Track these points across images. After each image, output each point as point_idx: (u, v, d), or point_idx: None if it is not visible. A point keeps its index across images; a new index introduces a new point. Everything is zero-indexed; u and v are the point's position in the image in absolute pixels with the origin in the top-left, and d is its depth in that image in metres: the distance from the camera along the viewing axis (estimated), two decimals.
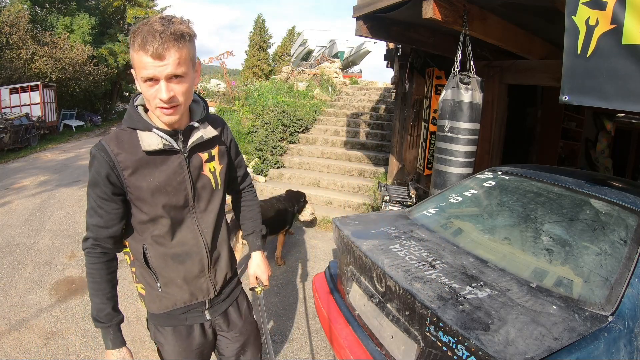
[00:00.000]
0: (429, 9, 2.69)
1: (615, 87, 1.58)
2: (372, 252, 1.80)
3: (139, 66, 0.99)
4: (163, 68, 0.98)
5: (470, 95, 2.90)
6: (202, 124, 1.19)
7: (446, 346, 1.29)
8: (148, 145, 1.08)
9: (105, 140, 1.10)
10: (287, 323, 2.82)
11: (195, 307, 1.28)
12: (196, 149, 1.17)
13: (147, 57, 0.97)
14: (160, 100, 1.02)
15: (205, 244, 1.23)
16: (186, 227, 1.19)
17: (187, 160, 1.15)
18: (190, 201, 1.18)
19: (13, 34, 13.64)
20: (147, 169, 1.10)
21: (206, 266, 1.24)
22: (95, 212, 1.12)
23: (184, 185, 1.15)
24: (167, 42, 0.96)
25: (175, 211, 1.16)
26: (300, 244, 4.33)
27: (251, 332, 1.45)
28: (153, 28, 0.96)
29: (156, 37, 0.95)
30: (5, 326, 2.60)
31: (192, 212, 1.20)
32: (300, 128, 7.55)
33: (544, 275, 1.57)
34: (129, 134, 1.10)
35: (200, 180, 1.19)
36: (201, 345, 1.31)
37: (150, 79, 1.00)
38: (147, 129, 1.10)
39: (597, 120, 6.12)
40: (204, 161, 1.20)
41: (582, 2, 1.65)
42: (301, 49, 22.42)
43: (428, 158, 4.65)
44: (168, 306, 1.24)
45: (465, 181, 2.47)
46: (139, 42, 0.96)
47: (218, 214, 1.27)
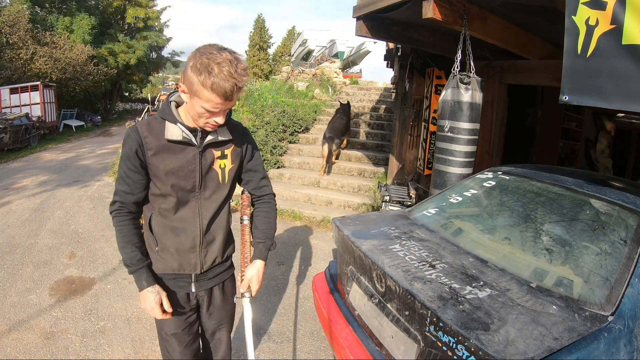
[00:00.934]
0: (429, 9, 2.69)
1: (615, 87, 1.58)
2: (372, 252, 1.80)
3: (205, 100, 1.17)
4: (226, 106, 1.23)
5: (470, 95, 2.91)
6: (221, 127, 1.36)
7: (446, 346, 1.29)
8: (171, 135, 1.30)
9: (140, 124, 1.32)
10: (287, 323, 2.82)
11: (182, 278, 1.47)
12: (210, 146, 1.37)
13: (218, 98, 1.17)
14: (214, 123, 1.27)
15: (201, 226, 1.41)
16: (189, 208, 1.39)
17: (200, 154, 1.35)
18: (197, 187, 1.38)
19: (13, 34, 13.64)
20: (167, 153, 1.31)
21: (197, 244, 1.42)
22: (124, 180, 1.34)
23: (194, 173, 1.35)
24: (237, 90, 1.18)
25: (182, 192, 1.36)
26: (301, 244, 4.33)
27: (228, 312, 1.65)
28: (227, 74, 1.13)
29: (229, 84, 1.14)
30: (5, 326, 2.60)
31: (197, 197, 1.39)
32: (300, 128, 7.55)
33: (544, 275, 1.57)
34: (159, 123, 1.32)
35: (209, 172, 1.39)
36: (186, 312, 1.51)
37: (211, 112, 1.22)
38: (173, 122, 1.31)
39: (597, 120, 6.12)
40: (216, 157, 1.39)
41: (582, 2, 1.65)
42: (301, 49, 22.41)
43: (428, 158, 4.65)
44: (160, 269, 1.44)
45: (465, 181, 2.47)
46: (212, 85, 1.13)
47: (220, 205, 1.44)
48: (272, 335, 2.66)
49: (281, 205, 5.37)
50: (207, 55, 1.13)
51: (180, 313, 1.49)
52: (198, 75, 1.13)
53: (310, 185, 6.02)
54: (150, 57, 22.28)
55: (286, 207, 5.31)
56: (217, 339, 1.65)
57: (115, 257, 3.71)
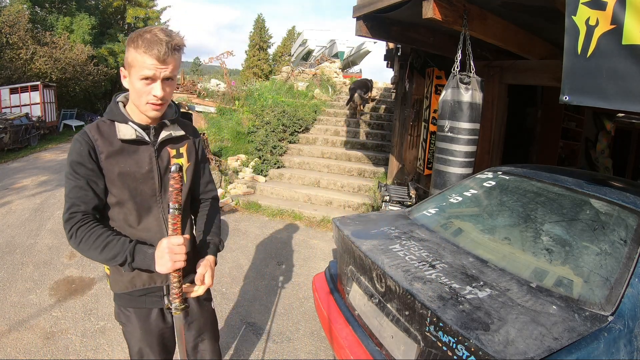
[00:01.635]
0: (429, 9, 2.69)
1: (615, 87, 1.58)
2: (372, 252, 1.80)
3: (139, 65, 1.14)
4: (162, 71, 1.16)
5: (470, 95, 2.91)
6: (173, 124, 1.33)
7: (446, 346, 1.29)
8: (123, 134, 1.23)
9: (87, 128, 1.25)
10: (287, 323, 2.82)
11: (153, 291, 1.37)
12: (165, 144, 1.32)
13: (151, 59, 1.13)
14: (154, 96, 1.18)
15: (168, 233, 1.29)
16: (152, 216, 1.31)
17: (156, 153, 1.29)
18: (157, 191, 1.30)
19: (13, 34, 13.63)
20: (120, 156, 1.24)
21: None
22: (80, 188, 1.22)
23: (152, 174, 1.28)
24: (171, 50, 1.14)
25: (142, 197, 1.28)
26: (300, 243, 4.33)
27: (207, 320, 1.56)
28: (158, 37, 1.13)
29: (163, 45, 1.12)
30: (5, 326, 2.60)
31: (158, 202, 1.31)
32: (300, 128, 7.55)
33: (544, 275, 1.57)
34: (108, 125, 1.26)
35: (167, 173, 1.30)
36: (161, 329, 1.41)
37: (148, 78, 1.16)
38: (124, 121, 1.25)
39: (597, 120, 6.12)
40: (172, 156, 1.33)
41: (582, 2, 1.65)
42: (301, 49, 22.41)
43: (428, 158, 4.65)
44: (129, 287, 1.33)
45: (465, 181, 2.47)
46: (144, 46, 1.12)
47: (183, 208, 1.32)
48: (272, 335, 2.66)
49: (281, 205, 5.37)
50: (142, 30, 1.16)
51: (157, 331, 1.40)
52: (132, 45, 1.14)
53: (310, 185, 6.02)
54: None
55: (286, 207, 5.31)
56: (201, 350, 1.56)
57: None
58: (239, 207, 5.44)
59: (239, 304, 3.02)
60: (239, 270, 3.60)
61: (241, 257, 3.88)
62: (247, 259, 3.85)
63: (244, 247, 4.13)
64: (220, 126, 7.43)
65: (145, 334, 1.39)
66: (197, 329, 1.52)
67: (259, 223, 4.92)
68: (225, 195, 5.71)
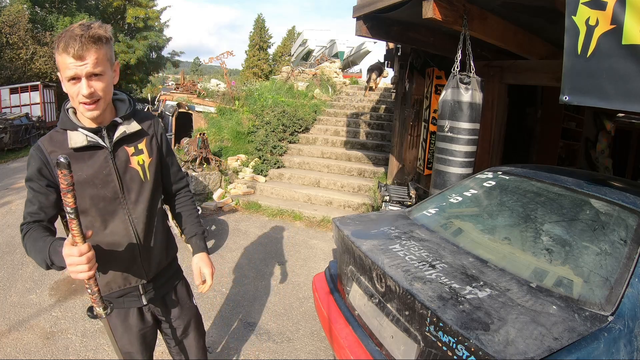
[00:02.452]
0: (429, 9, 2.69)
1: (615, 87, 1.58)
2: (372, 252, 1.80)
3: (62, 67, 1.11)
4: (83, 67, 1.10)
5: (470, 95, 2.90)
6: (127, 120, 1.29)
7: (446, 346, 1.29)
8: (75, 142, 1.20)
9: (41, 141, 1.23)
10: (287, 323, 2.82)
11: (130, 292, 1.37)
12: (121, 143, 1.28)
13: (69, 58, 1.09)
14: (82, 96, 1.13)
15: (136, 234, 1.31)
16: (118, 218, 1.28)
17: (112, 155, 1.25)
18: (119, 193, 1.27)
19: (13, 34, 13.64)
20: (76, 164, 1.19)
21: (137, 254, 1.33)
22: (31, 202, 1.21)
23: (111, 177, 1.25)
24: (86, 44, 1.08)
25: (105, 203, 1.25)
26: (300, 244, 4.33)
27: (191, 317, 1.56)
28: (74, 33, 1.08)
29: (76, 40, 1.07)
30: (5, 326, 2.60)
31: (123, 204, 1.28)
32: (300, 128, 7.55)
33: (544, 275, 1.57)
34: (61, 134, 1.23)
35: (127, 173, 1.28)
36: (142, 328, 1.42)
37: (73, 78, 1.12)
38: (74, 128, 1.21)
39: (597, 120, 6.12)
40: (131, 155, 1.29)
41: (582, 2, 1.65)
42: (301, 49, 22.42)
43: (428, 158, 4.65)
44: (105, 290, 1.32)
45: (465, 181, 2.47)
46: (62, 46, 1.08)
47: (149, 205, 1.34)
48: (272, 335, 2.66)
49: (281, 205, 5.37)
50: (65, 29, 1.13)
51: (137, 331, 1.41)
52: (55, 47, 1.11)
53: (310, 185, 6.02)
54: (150, 57, 22.28)
55: (286, 207, 5.31)
56: (187, 346, 1.58)
57: None
58: (239, 207, 5.44)
59: (239, 304, 3.02)
60: (239, 270, 3.60)
61: (241, 257, 3.88)
62: (247, 259, 3.85)
63: (244, 247, 4.13)
64: (220, 126, 7.43)
65: (126, 333, 1.40)
66: (181, 327, 1.54)
67: (259, 223, 4.92)
68: (225, 195, 5.70)
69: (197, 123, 7.99)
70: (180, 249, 4.12)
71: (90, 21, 1.15)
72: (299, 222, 5.02)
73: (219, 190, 5.78)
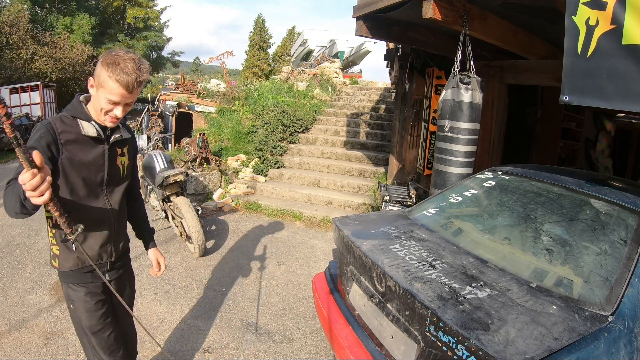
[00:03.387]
0: (429, 9, 2.69)
1: (615, 87, 1.58)
2: (372, 252, 1.80)
3: (109, 91, 1.33)
4: (127, 99, 1.38)
5: (470, 95, 2.90)
6: (122, 127, 1.57)
7: (446, 346, 1.29)
8: (86, 131, 1.43)
9: (52, 120, 1.41)
10: (287, 323, 2.82)
11: (99, 268, 1.55)
12: (115, 144, 1.55)
13: (121, 89, 1.33)
14: (115, 116, 1.40)
15: (114, 216, 1.58)
16: (100, 201, 1.53)
17: (108, 150, 1.51)
18: (104, 181, 1.53)
19: (13, 34, 13.64)
20: (81, 148, 1.43)
21: (112, 234, 1.58)
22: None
23: (103, 167, 1.51)
24: (137, 86, 1.35)
25: (93, 185, 1.49)
26: (300, 244, 4.33)
27: (131, 298, 1.86)
28: (129, 69, 1.31)
29: (132, 77, 1.32)
30: (5, 326, 2.60)
31: (104, 190, 1.54)
32: (300, 128, 7.55)
33: (544, 275, 1.57)
34: (70, 120, 1.43)
35: (113, 167, 1.55)
36: (107, 303, 1.63)
37: (114, 102, 1.36)
38: (87, 119, 1.44)
39: (597, 120, 6.12)
40: (119, 154, 1.58)
41: (583, 2, 1.65)
42: (301, 49, 22.40)
43: (428, 158, 4.65)
44: (79, 263, 1.53)
45: (465, 181, 2.47)
46: (117, 75, 1.30)
47: (122, 196, 1.62)
48: (272, 335, 2.66)
49: (281, 205, 5.37)
50: (116, 53, 1.33)
51: (101, 307, 1.59)
52: (106, 68, 1.31)
53: (310, 185, 6.02)
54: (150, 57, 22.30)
55: (286, 207, 5.31)
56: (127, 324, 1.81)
57: None
58: (239, 207, 5.44)
59: (239, 304, 3.02)
60: (239, 270, 3.60)
61: (241, 257, 3.89)
62: (247, 259, 3.85)
63: (244, 247, 4.13)
64: (220, 126, 7.43)
65: (95, 308, 1.57)
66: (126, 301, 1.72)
67: (259, 223, 4.92)
68: (225, 195, 5.71)
69: (197, 123, 7.99)
70: (180, 249, 4.09)
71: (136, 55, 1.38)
72: (299, 222, 5.02)
73: (219, 190, 5.79)
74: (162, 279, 3.33)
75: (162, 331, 2.64)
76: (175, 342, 2.52)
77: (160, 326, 2.69)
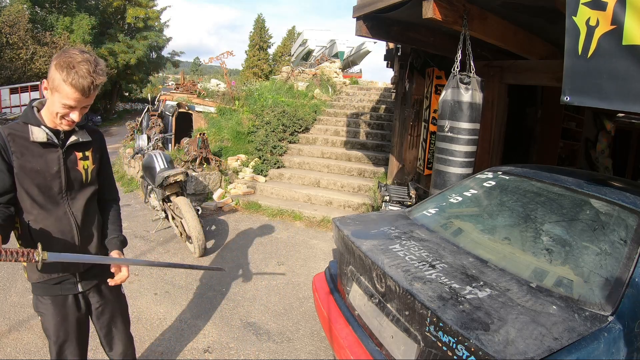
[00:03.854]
0: (429, 9, 2.69)
1: (616, 87, 1.58)
2: (372, 252, 1.80)
3: (64, 95, 1.28)
4: (83, 102, 1.33)
5: (470, 95, 2.91)
6: (81, 130, 1.49)
7: (446, 346, 1.29)
8: (36, 137, 1.38)
9: (2, 129, 1.38)
10: (287, 323, 2.82)
11: (67, 279, 1.52)
12: (73, 148, 1.47)
13: (77, 93, 1.28)
14: (71, 120, 1.36)
15: (76, 225, 1.49)
16: (61, 209, 1.46)
17: (64, 155, 1.44)
18: (63, 188, 1.45)
19: (13, 34, 13.65)
20: (32, 155, 1.38)
21: (76, 243, 1.49)
22: None
23: (59, 174, 1.43)
24: (93, 89, 1.30)
25: (51, 194, 1.43)
26: (300, 244, 4.33)
27: (120, 305, 1.74)
28: (84, 72, 1.26)
29: (87, 80, 1.27)
30: (5, 326, 2.60)
31: (65, 198, 1.46)
32: (300, 128, 7.54)
33: (544, 275, 1.57)
34: (22, 127, 1.39)
35: (73, 172, 1.47)
36: (78, 316, 1.57)
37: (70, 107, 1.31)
38: (37, 125, 1.39)
39: (597, 120, 6.12)
40: (79, 159, 1.49)
41: (583, 2, 1.65)
42: (301, 49, 22.41)
43: (428, 158, 4.65)
44: (44, 275, 1.46)
45: (465, 181, 2.47)
46: (71, 79, 1.25)
47: (88, 202, 1.53)
48: (272, 335, 2.66)
49: (281, 205, 5.37)
50: (70, 55, 1.27)
51: (73, 318, 1.55)
52: (60, 72, 1.26)
53: (310, 185, 6.02)
54: (150, 57, 22.30)
55: (286, 207, 5.31)
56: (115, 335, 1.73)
57: None
58: (239, 207, 5.44)
59: (239, 304, 3.02)
60: (239, 270, 3.60)
61: (241, 257, 3.89)
62: (247, 259, 3.85)
63: (244, 247, 4.13)
64: (220, 126, 7.43)
65: (63, 320, 1.53)
66: (110, 313, 1.68)
67: (259, 223, 4.92)
68: (225, 195, 5.71)
69: (197, 123, 7.99)
70: (180, 249, 4.08)
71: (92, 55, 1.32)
72: (299, 222, 5.02)
73: (219, 190, 5.79)
74: (162, 279, 3.33)
75: (162, 331, 2.63)
76: (175, 342, 2.52)
77: (160, 326, 2.69)
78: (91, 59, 1.30)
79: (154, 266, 1.78)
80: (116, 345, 1.75)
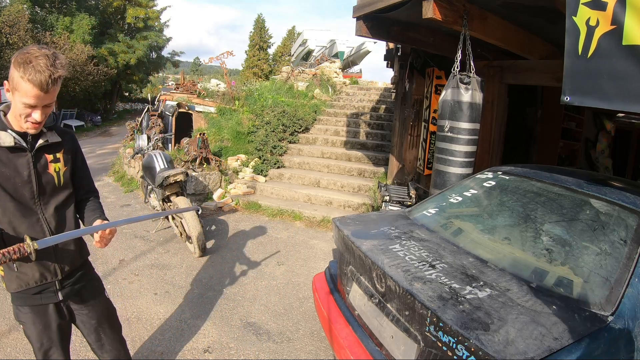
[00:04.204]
0: (429, 9, 2.69)
1: (616, 87, 1.58)
2: (372, 252, 1.80)
3: (24, 93, 1.23)
4: (44, 100, 1.27)
5: (470, 95, 2.91)
6: (50, 131, 1.43)
7: (446, 346, 1.29)
8: (3, 141, 1.32)
9: None
10: (287, 323, 2.82)
11: (47, 288, 1.48)
12: (43, 150, 1.41)
13: (35, 89, 1.22)
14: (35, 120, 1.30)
15: (50, 231, 1.43)
16: (33, 216, 1.41)
17: (33, 158, 1.38)
18: (35, 193, 1.40)
19: (13, 34, 13.65)
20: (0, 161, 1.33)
21: (52, 251, 1.43)
22: None
23: (30, 179, 1.38)
24: (52, 84, 1.24)
25: (22, 199, 1.38)
26: (300, 244, 4.33)
27: (104, 309, 1.68)
28: (42, 67, 1.21)
29: (45, 75, 1.21)
30: (5, 326, 2.60)
31: (37, 203, 1.41)
32: (300, 128, 7.54)
33: (544, 275, 1.57)
34: None
35: (44, 176, 1.42)
36: (60, 323, 1.53)
37: (31, 105, 1.26)
38: (3, 129, 1.34)
39: (597, 120, 6.12)
40: (50, 161, 1.43)
41: (583, 2, 1.65)
42: (301, 49, 22.41)
43: (428, 158, 4.65)
44: (22, 285, 1.42)
45: (465, 181, 2.47)
46: (29, 75, 1.20)
47: (61, 207, 1.48)
48: (272, 335, 2.66)
49: (281, 205, 5.37)
50: (27, 51, 1.23)
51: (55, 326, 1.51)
52: (18, 69, 1.21)
53: (310, 185, 6.02)
54: (150, 57, 22.31)
55: (286, 207, 5.31)
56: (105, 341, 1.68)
57: (115, 257, 3.71)
58: (239, 207, 5.44)
59: (239, 304, 3.02)
60: (239, 270, 3.60)
61: (241, 257, 3.89)
62: (247, 259, 3.85)
63: (244, 247, 4.13)
64: (220, 126, 7.43)
65: (45, 329, 1.49)
66: (96, 318, 1.63)
67: (259, 223, 4.92)
68: (225, 195, 5.70)
69: (197, 123, 7.99)
70: (180, 249, 4.09)
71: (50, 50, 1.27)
72: (299, 222, 5.02)
73: (219, 190, 5.78)
74: (162, 279, 3.33)
75: (162, 331, 2.63)
76: (175, 342, 2.52)
77: (160, 326, 2.69)
78: (49, 54, 1.25)
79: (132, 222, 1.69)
80: (107, 352, 1.70)
